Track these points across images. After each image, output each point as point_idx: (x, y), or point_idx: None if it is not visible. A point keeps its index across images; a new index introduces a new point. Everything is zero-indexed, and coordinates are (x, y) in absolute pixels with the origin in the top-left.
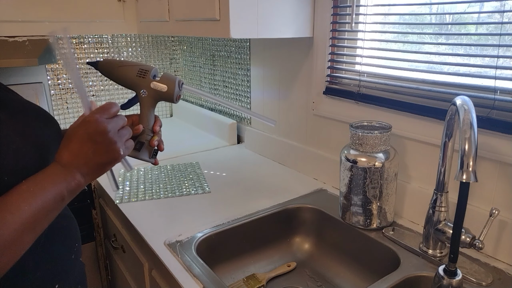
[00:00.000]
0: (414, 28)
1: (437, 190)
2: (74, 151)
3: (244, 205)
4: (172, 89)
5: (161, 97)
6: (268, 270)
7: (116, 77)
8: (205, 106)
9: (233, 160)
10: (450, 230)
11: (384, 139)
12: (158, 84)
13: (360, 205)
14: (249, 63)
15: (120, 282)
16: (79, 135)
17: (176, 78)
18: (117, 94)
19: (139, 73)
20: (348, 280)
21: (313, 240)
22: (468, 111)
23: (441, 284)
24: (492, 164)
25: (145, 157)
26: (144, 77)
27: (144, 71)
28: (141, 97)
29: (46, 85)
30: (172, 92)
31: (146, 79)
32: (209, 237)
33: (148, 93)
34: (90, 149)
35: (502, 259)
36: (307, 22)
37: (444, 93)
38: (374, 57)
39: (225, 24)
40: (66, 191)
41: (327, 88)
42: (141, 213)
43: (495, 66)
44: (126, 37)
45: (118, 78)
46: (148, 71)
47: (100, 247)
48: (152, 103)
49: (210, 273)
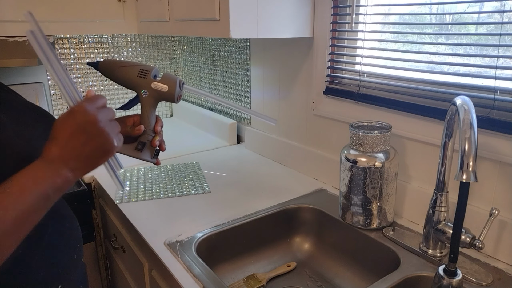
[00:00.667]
0: (414, 28)
1: (437, 190)
2: (61, 144)
3: (244, 205)
4: (173, 89)
5: (162, 97)
6: (268, 270)
7: (116, 78)
8: (205, 106)
9: (233, 160)
10: (450, 230)
11: (384, 139)
12: (159, 84)
13: (360, 205)
14: (249, 63)
15: (120, 282)
16: (67, 125)
17: (177, 78)
18: (117, 94)
19: (140, 73)
20: (348, 280)
21: (313, 240)
22: (468, 111)
23: (441, 284)
24: (492, 164)
25: (147, 158)
26: (145, 77)
27: (145, 71)
28: (142, 97)
29: (46, 85)
30: (173, 92)
31: (147, 79)
32: (209, 237)
33: (149, 93)
34: (80, 141)
35: (502, 259)
36: (307, 22)
37: (444, 93)
38: (374, 57)
39: (225, 24)
40: (51, 189)
41: (327, 88)
42: (141, 213)
43: (495, 66)
44: (126, 37)
45: (119, 78)
46: (149, 71)
47: (100, 247)
48: (153, 103)
49: (210, 273)
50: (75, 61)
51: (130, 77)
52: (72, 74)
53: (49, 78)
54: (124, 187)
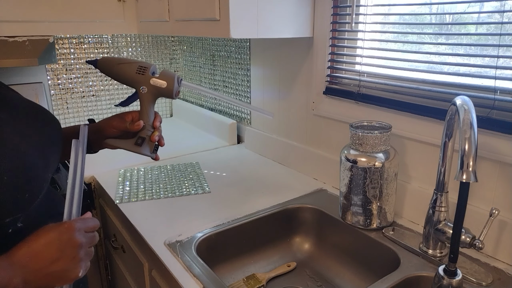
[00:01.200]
0: (414, 28)
1: (437, 190)
2: (33, 251)
3: (244, 205)
4: (172, 85)
5: (161, 93)
6: (268, 270)
7: (115, 75)
8: (205, 106)
9: (233, 160)
10: (450, 230)
11: (384, 139)
12: (157, 80)
13: (360, 205)
14: (249, 63)
15: (120, 282)
16: (49, 237)
17: (175, 74)
18: (117, 94)
19: (139, 70)
20: (348, 280)
21: (313, 240)
22: (468, 111)
23: (441, 284)
24: (492, 164)
25: (146, 152)
26: (144, 74)
27: (143, 68)
28: (141, 94)
29: (46, 85)
30: (171, 88)
31: (145, 76)
32: (209, 237)
33: (147, 89)
34: (51, 256)
35: (502, 259)
36: (307, 22)
37: (444, 93)
38: (374, 57)
39: (225, 24)
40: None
41: (327, 88)
42: (141, 213)
43: (495, 66)
44: (126, 37)
45: (118, 75)
46: (147, 68)
47: (100, 247)
48: (152, 99)
49: (210, 273)
50: (75, 61)
51: (128, 74)
52: (72, 74)
53: (49, 79)
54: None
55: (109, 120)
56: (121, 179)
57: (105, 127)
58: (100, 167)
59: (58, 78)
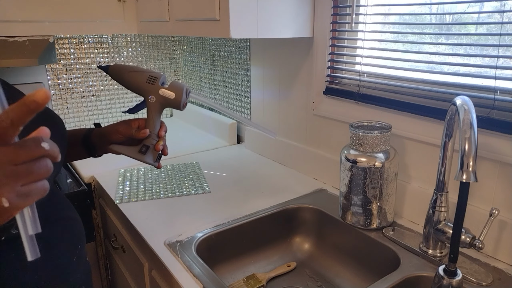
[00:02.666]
0: (414, 28)
1: (437, 190)
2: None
3: (244, 205)
4: (180, 96)
5: (168, 104)
6: (268, 270)
7: (126, 82)
8: (205, 106)
9: (233, 160)
10: (450, 230)
11: (384, 139)
12: (166, 91)
13: (360, 205)
14: (249, 63)
15: (120, 282)
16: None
17: (183, 86)
18: (117, 95)
19: (149, 79)
20: (348, 280)
21: (313, 240)
22: (468, 111)
23: (441, 284)
24: (492, 164)
25: (150, 161)
26: (153, 84)
27: (153, 78)
28: (149, 103)
29: (46, 85)
30: (179, 100)
31: (155, 86)
32: (209, 237)
33: (156, 99)
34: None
35: (502, 259)
36: (307, 22)
37: (444, 93)
38: (374, 57)
39: (225, 24)
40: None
41: (327, 88)
42: (141, 213)
43: (495, 66)
44: (126, 37)
45: (128, 82)
46: (157, 78)
47: (100, 247)
48: (159, 109)
49: (210, 273)
50: (75, 61)
51: (139, 82)
52: (72, 74)
53: (49, 79)
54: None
55: (115, 125)
56: (121, 179)
57: (111, 132)
58: (100, 167)
59: (58, 78)
